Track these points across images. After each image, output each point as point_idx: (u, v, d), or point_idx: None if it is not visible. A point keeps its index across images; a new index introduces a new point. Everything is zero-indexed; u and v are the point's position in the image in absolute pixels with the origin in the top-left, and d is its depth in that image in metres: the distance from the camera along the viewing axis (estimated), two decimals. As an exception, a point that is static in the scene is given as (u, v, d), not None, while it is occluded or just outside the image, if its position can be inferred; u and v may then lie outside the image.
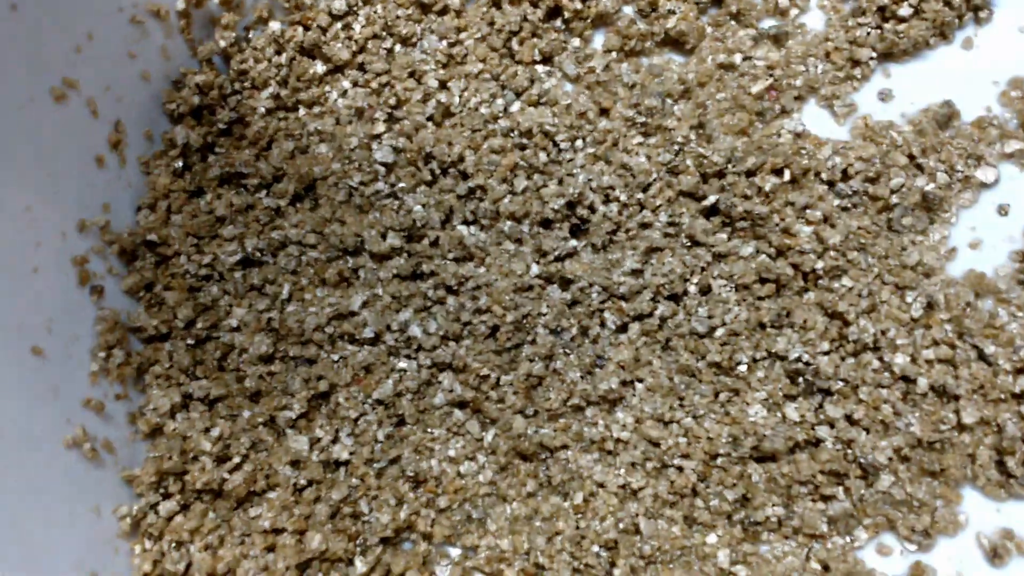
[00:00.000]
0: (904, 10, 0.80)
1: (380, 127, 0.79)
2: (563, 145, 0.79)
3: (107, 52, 0.73)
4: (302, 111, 0.81)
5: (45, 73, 0.67)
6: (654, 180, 0.77)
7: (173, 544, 0.68)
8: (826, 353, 0.72)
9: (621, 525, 0.69)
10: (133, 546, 0.68)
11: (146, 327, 0.72)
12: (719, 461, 0.71)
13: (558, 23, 0.84)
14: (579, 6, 0.83)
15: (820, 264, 0.73)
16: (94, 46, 0.71)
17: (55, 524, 0.62)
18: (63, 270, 0.67)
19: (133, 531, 0.68)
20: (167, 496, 0.69)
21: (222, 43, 0.81)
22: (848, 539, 0.70)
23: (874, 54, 0.81)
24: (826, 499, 0.70)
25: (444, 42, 0.83)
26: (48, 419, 0.63)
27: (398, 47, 0.83)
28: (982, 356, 0.72)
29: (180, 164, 0.78)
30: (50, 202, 0.66)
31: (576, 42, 0.84)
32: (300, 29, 0.82)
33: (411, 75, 0.82)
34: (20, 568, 0.58)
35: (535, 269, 0.74)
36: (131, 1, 0.75)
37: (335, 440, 0.72)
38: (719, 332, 0.73)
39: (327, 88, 0.82)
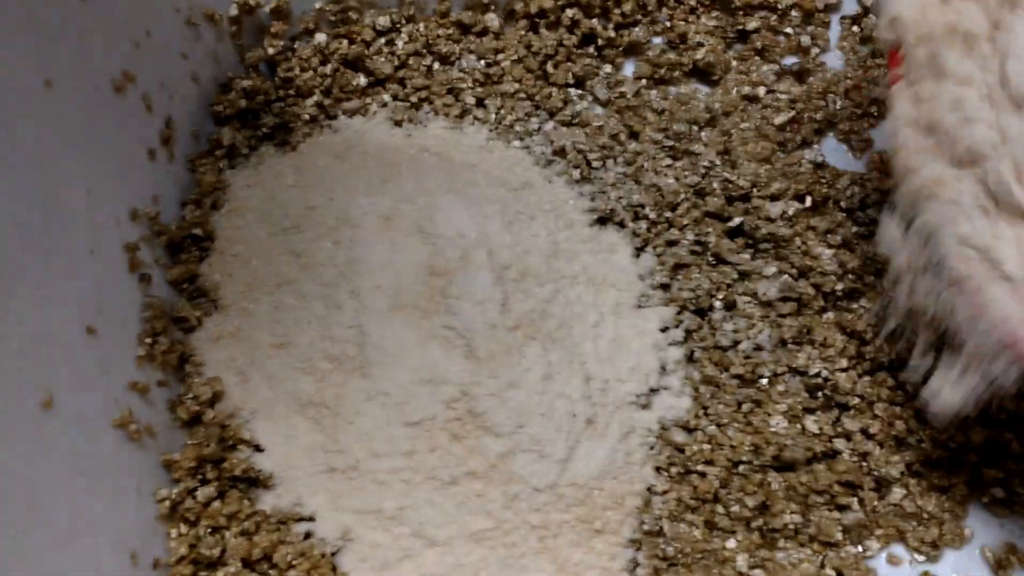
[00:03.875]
0: (919, 54, 0.85)
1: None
2: (595, 164, 0.82)
3: (163, 50, 0.76)
4: (342, 119, 0.84)
5: (108, 63, 0.69)
6: (682, 200, 0.80)
7: (209, 529, 0.69)
8: (844, 370, 0.76)
9: (645, 526, 0.72)
10: (170, 529, 0.69)
11: (189, 317, 0.74)
12: (740, 469, 0.73)
13: (591, 49, 0.88)
14: (612, 35, 0.87)
15: (840, 286, 0.77)
16: (152, 43, 0.74)
17: (99, 500, 0.63)
18: (116, 255, 0.69)
19: (171, 514, 0.69)
20: (205, 482, 0.70)
21: (270, 51, 0.84)
22: (860, 548, 0.73)
23: (890, 93, 0.86)
24: (841, 509, 0.73)
25: (482, 62, 0.86)
26: (98, 396, 0.64)
27: (437, 64, 0.86)
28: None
29: (224, 164, 0.80)
30: (107, 188, 0.68)
31: (608, 68, 0.88)
32: (345, 42, 0.85)
33: (449, 91, 0.85)
34: (63, 538, 0.59)
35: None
36: (187, 3, 0.78)
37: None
38: (743, 346, 0.76)
39: (368, 100, 0.85)
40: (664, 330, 0.76)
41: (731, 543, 0.72)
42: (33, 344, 0.58)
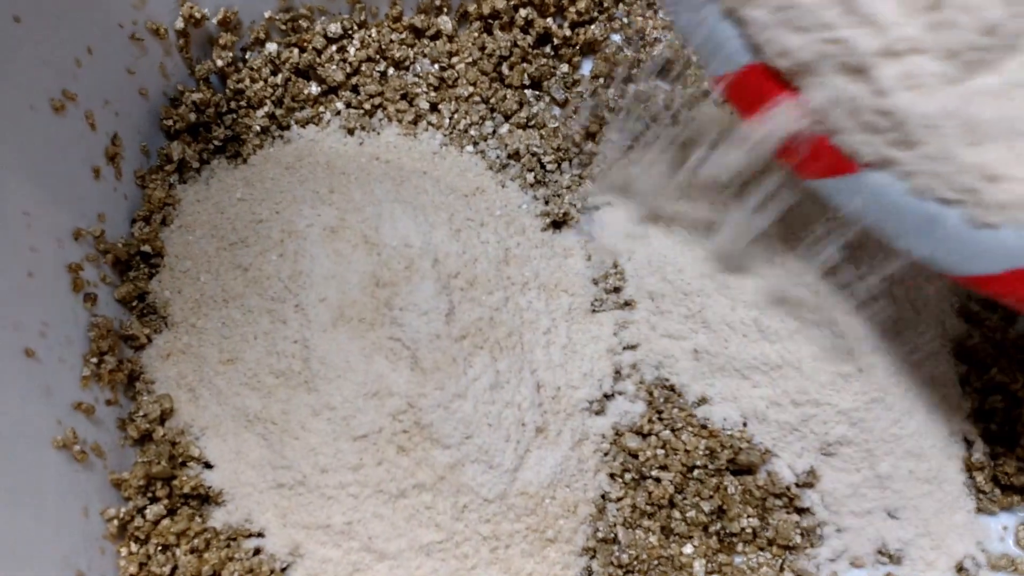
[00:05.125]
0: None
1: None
2: (550, 167, 0.81)
3: (106, 67, 0.75)
4: (295, 129, 0.83)
5: (45, 84, 0.69)
6: (637, 201, 0.79)
7: (159, 547, 0.69)
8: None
9: (600, 534, 0.71)
10: (119, 548, 0.69)
11: (138, 335, 0.73)
12: (696, 473, 0.72)
13: (547, 49, 0.87)
14: (568, 33, 0.86)
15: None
16: (94, 61, 0.74)
17: (43, 522, 0.63)
18: (58, 276, 0.69)
19: (120, 533, 0.69)
20: (155, 500, 0.70)
21: (219, 63, 0.83)
22: (821, 551, 0.71)
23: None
24: (800, 511, 0.72)
25: (436, 66, 0.85)
26: (39, 419, 0.64)
27: (391, 70, 0.85)
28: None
29: (175, 179, 0.80)
30: (46, 209, 0.68)
31: (564, 68, 0.86)
32: (296, 51, 0.84)
33: (403, 97, 0.84)
34: (7, 562, 0.59)
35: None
36: (131, 18, 0.78)
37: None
38: (698, 348, 0.75)
39: (321, 108, 0.84)
40: (616, 334, 0.75)
41: (688, 548, 0.71)
42: (-36, 369, 0.58)
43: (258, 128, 0.82)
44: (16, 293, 0.64)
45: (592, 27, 0.87)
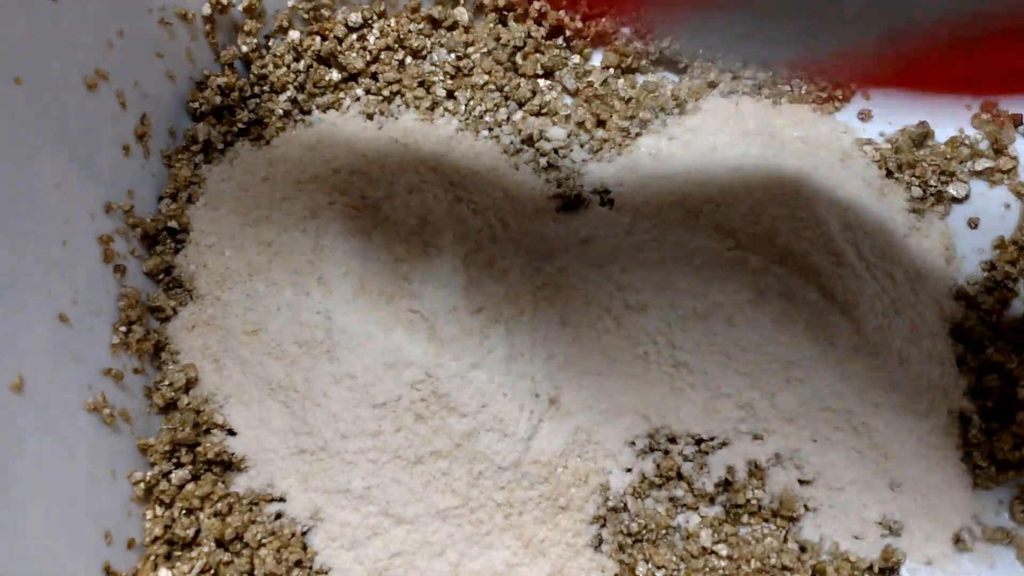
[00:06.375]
0: (883, 37, 0.86)
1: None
2: (562, 151, 0.84)
3: (137, 50, 0.78)
4: (316, 114, 0.86)
5: (79, 62, 0.71)
6: (647, 185, 0.82)
7: (184, 510, 0.71)
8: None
9: (610, 503, 0.73)
10: (145, 511, 0.71)
11: (164, 307, 0.76)
12: (703, 446, 0.75)
13: (560, 41, 0.90)
14: (580, 25, 0.89)
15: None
16: (125, 43, 0.76)
17: (73, 481, 0.65)
18: (90, 247, 0.71)
19: (146, 496, 0.71)
20: (179, 465, 0.72)
21: (244, 48, 0.86)
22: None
23: (854, 77, 0.87)
24: (804, 483, 0.74)
25: (453, 55, 0.88)
26: (71, 382, 0.67)
27: (409, 59, 0.88)
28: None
29: (200, 159, 0.83)
30: (79, 182, 0.70)
31: (576, 59, 0.89)
32: (318, 39, 0.87)
33: (420, 84, 0.87)
34: (41, 519, 0.61)
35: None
36: (160, 3, 0.80)
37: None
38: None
39: (341, 94, 0.87)
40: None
41: (695, 519, 0.73)
42: (3, 329, 0.60)
43: (280, 112, 0.85)
44: (51, 260, 0.67)
45: (603, 20, 0.90)
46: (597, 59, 0.90)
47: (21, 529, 0.59)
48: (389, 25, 0.88)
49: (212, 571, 0.69)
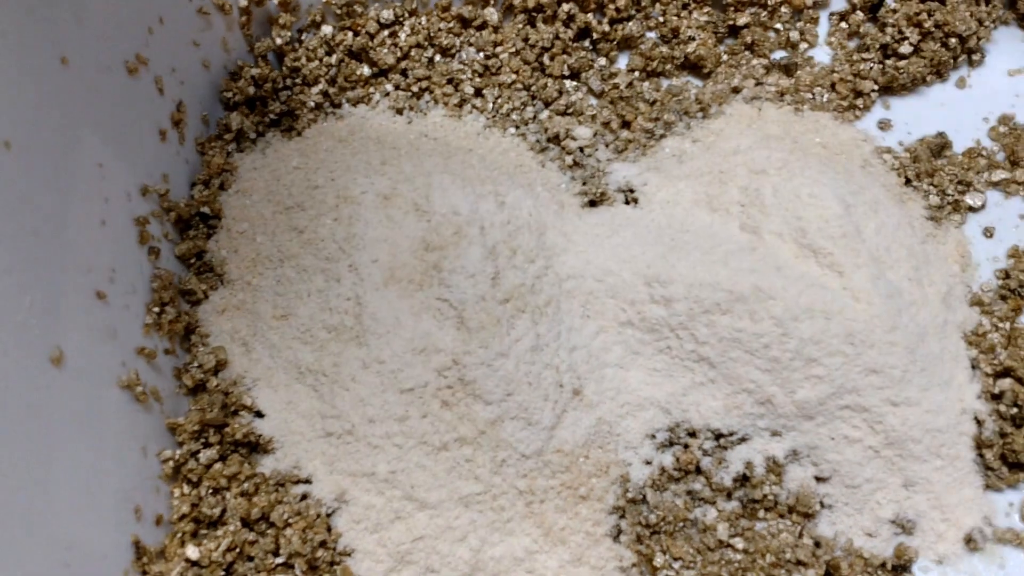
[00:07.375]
0: (904, 48, 0.88)
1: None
2: (587, 150, 0.85)
3: (175, 37, 0.80)
4: (347, 107, 0.87)
5: (120, 47, 0.73)
6: (670, 185, 0.84)
7: (211, 490, 0.72)
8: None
9: (629, 494, 0.74)
10: (173, 489, 0.72)
11: (196, 290, 0.77)
12: (722, 441, 0.76)
13: (587, 43, 0.92)
14: (607, 29, 0.91)
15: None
16: (164, 30, 0.78)
17: (105, 456, 0.66)
18: (127, 227, 0.72)
19: (174, 474, 0.72)
20: (208, 445, 0.73)
21: (278, 41, 0.88)
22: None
23: (876, 87, 0.89)
24: (820, 480, 0.75)
25: (481, 54, 0.90)
26: (106, 358, 0.68)
27: (439, 56, 0.90)
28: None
29: (233, 147, 0.84)
30: (117, 164, 0.71)
31: (602, 61, 0.91)
32: (350, 34, 0.89)
33: (449, 82, 0.89)
34: (74, 492, 0.62)
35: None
36: (198, -7, 0.82)
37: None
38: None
39: (371, 89, 0.88)
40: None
41: (712, 512, 0.75)
42: (45, 303, 0.61)
43: (312, 104, 0.86)
44: (90, 238, 0.68)
45: (630, 24, 0.92)
46: (623, 62, 0.92)
47: (54, 498, 0.60)
48: (420, 23, 0.90)
49: (238, 549, 0.70)
